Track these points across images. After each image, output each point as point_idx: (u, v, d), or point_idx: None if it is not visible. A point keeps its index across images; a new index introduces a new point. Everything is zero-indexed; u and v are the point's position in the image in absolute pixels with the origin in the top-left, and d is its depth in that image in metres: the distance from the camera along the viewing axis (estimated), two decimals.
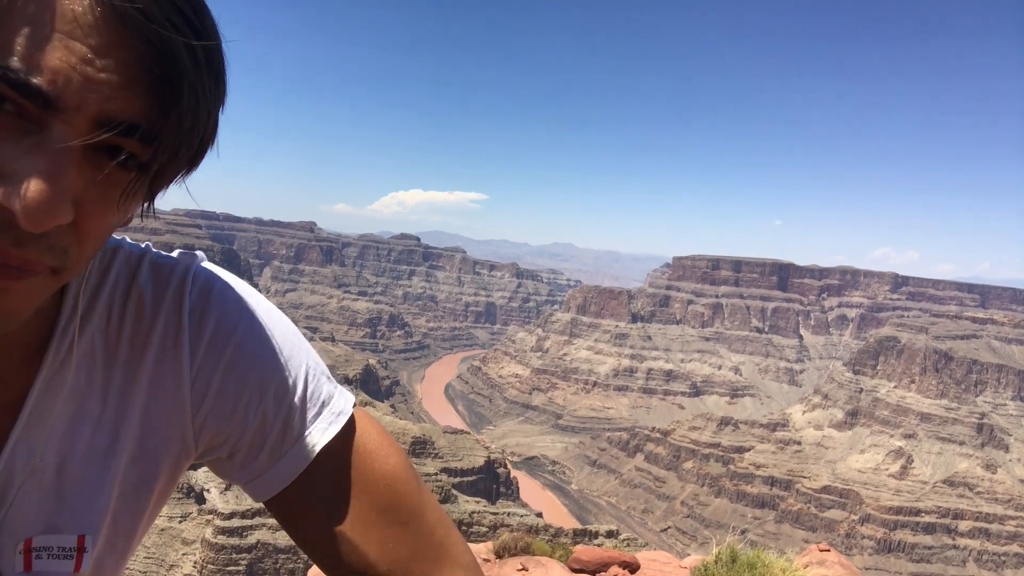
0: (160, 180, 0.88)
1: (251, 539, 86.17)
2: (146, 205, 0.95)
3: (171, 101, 0.80)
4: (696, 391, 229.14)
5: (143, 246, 1.15)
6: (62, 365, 1.02)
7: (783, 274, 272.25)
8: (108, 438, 1.05)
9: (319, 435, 1.14)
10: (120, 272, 1.09)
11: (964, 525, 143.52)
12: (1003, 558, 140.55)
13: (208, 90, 0.84)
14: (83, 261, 0.86)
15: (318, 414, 1.15)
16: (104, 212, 0.83)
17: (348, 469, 1.16)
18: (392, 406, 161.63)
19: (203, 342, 1.09)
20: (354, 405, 1.22)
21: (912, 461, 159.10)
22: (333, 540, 1.14)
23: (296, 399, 1.13)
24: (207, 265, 1.16)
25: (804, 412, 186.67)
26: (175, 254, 1.16)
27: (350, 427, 1.19)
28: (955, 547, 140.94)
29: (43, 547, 1.01)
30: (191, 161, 0.90)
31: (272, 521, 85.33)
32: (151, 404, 1.08)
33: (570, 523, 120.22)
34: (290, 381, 1.13)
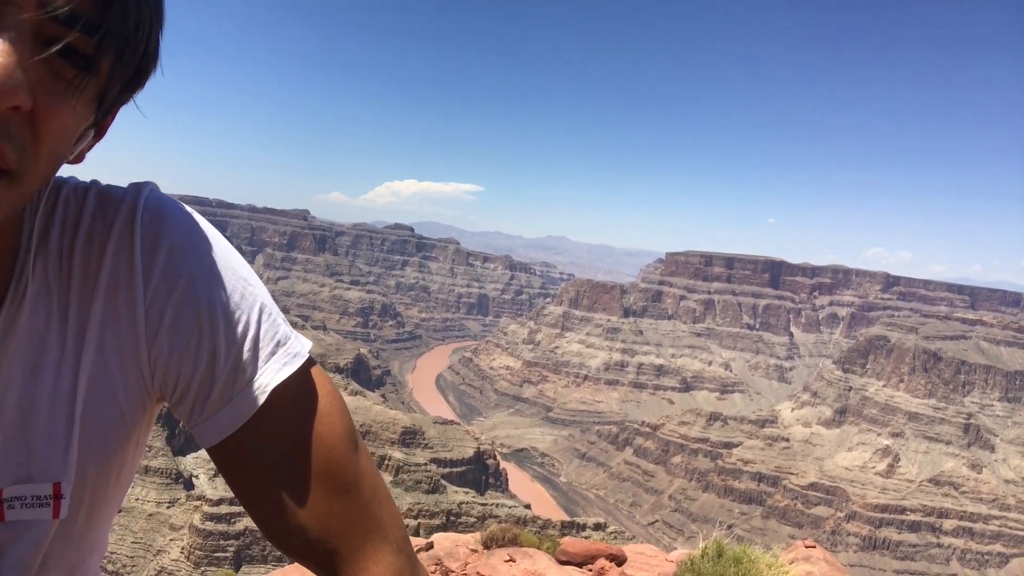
0: (109, 90, 0.90)
1: (239, 526, 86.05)
2: (91, 135, 0.96)
3: None
4: (686, 386, 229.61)
5: (90, 181, 1.12)
6: (19, 307, 1.00)
7: (775, 272, 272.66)
8: (70, 381, 1.03)
9: (271, 375, 1.11)
10: (68, 205, 1.07)
11: (949, 524, 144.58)
12: (986, 557, 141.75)
13: None
14: (39, 169, 0.85)
15: (272, 353, 1.12)
16: (59, 109, 0.83)
17: (294, 422, 1.12)
18: (383, 396, 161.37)
19: (156, 271, 1.05)
20: (310, 357, 1.18)
21: (899, 460, 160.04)
22: (270, 497, 1.12)
23: (249, 336, 1.11)
24: (159, 194, 1.12)
25: (793, 409, 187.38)
26: (126, 185, 1.12)
27: (304, 376, 1.15)
28: (939, 545, 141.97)
29: (15, 497, 1.00)
30: (136, 75, 0.92)
31: None
32: (107, 340, 1.06)
33: (558, 515, 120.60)
34: (244, 317, 1.10)
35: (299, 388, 1.13)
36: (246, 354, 1.10)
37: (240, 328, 1.10)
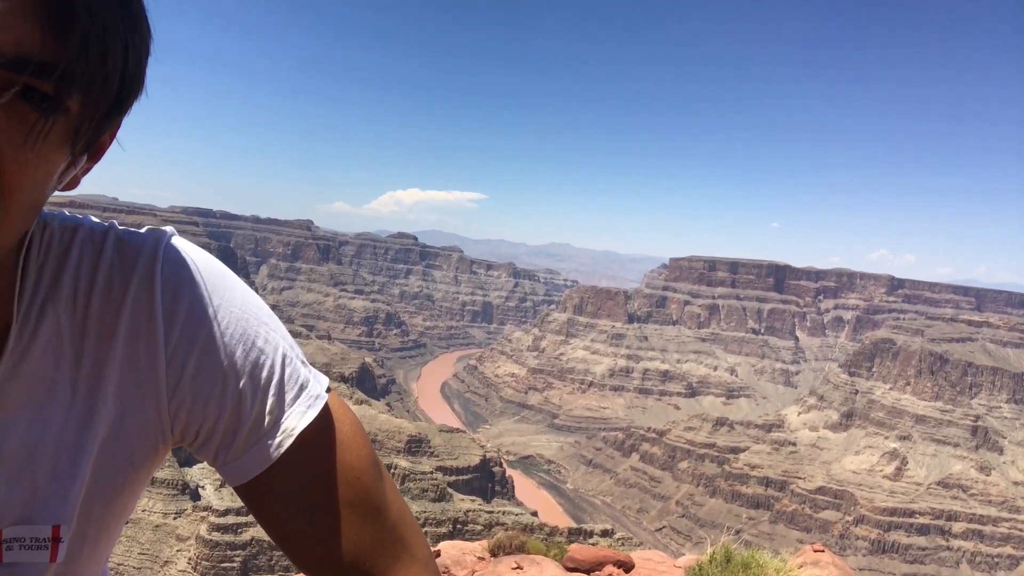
0: (84, 125, 0.85)
1: (245, 536, 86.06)
2: (84, 160, 0.92)
3: (65, 25, 0.76)
4: (692, 392, 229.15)
5: (107, 223, 1.10)
6: (26, 351, 0.99)
7: (780, 276, 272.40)
8: (80, 424, 1.02)
9: (297, 419, 1.13)
10: (83, 250, 1.05)
11: (958, 527, 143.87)
12: (996, 560, 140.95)
13: (114, 18, 0.80)
14: (11, 219, 0.83)
15: (296, 397, 1.14)
16: (25, 158, 0.80)
17: (321, 458, 1.14)
18: (388, 404, 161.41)
19: (178, 322, 1.05)
20: (328, 390, 1.20)
21: (906, 463, 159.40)
22: (300, 529, 1.14)
23: (274, 382, 1.11)
24: (178, 241, 1.12)
25: (799, 413, 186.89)
26: (143, 230, 1.11)
27: (326, 414, 1.17)
28: (949, 548, 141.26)
29: (14, 538, 0.99)
30: (115, 105, 0.86)
31: None
32: (125, 388, 1.05)
33: (565, 522, 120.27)
34: (268, 364, 1.11)
35: (323, 425, 1.16)
36: (271, 399, 1.11)
37: (265, 374, 1.11)
